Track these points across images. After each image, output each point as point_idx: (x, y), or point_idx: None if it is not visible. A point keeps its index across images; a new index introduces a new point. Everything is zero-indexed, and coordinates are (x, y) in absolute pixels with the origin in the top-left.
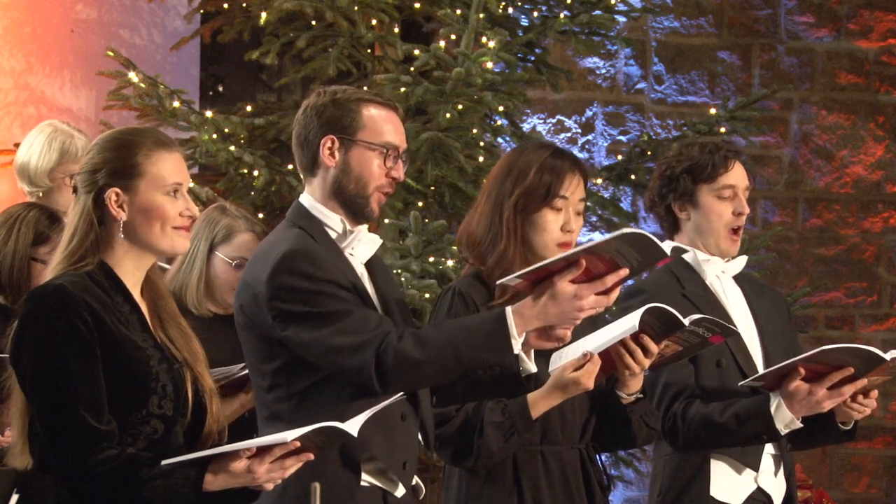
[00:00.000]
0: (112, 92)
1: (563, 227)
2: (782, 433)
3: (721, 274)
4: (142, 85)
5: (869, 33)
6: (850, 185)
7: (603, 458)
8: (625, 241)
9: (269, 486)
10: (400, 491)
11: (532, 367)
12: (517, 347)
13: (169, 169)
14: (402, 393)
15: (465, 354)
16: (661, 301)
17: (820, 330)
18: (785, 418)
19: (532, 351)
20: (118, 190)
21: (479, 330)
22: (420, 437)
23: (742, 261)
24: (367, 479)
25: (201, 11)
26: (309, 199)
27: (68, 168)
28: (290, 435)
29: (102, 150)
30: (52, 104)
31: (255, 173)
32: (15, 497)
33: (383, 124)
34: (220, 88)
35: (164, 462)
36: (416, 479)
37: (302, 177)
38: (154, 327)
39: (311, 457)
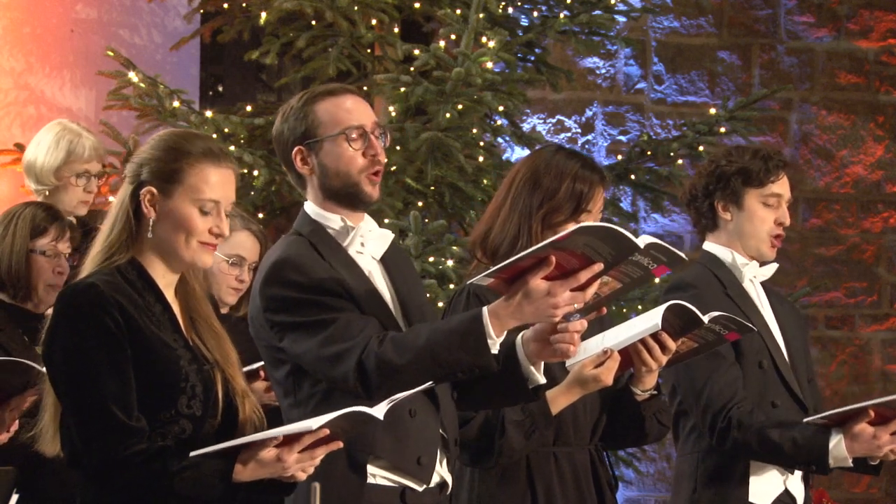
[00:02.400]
0: (112, 92)
1: None
2: (831, 467)
3: (753, 278)
4: (142, 85)
5: (869, 33)
6: (850, 185)
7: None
8: (589, 234)
9: (302, 476)
10: (421, 486)
11: (541, 378)
12: (494, 348)
13: (209, 183)
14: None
15: (442, 357)
16: (709, 297)
17: (820, 330)
18: (839, 456)
19: (542, 364)
20: (154, 189)
21: (456, 332)
22: (442, 433)
23: (773, 267)
24: (382, 475)
25: (201, 11)
26: (310, 205)
27: (75, 167)
28: (316, 422)
29: (154, 147)
30: (52, 104)
31: (255, 173)
32: (15, 497)
33: (337, 112)
34: (220, 88)
35: (192, 453)
36: (441, 475)
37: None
38: (186, 328)
39: (340, 444)
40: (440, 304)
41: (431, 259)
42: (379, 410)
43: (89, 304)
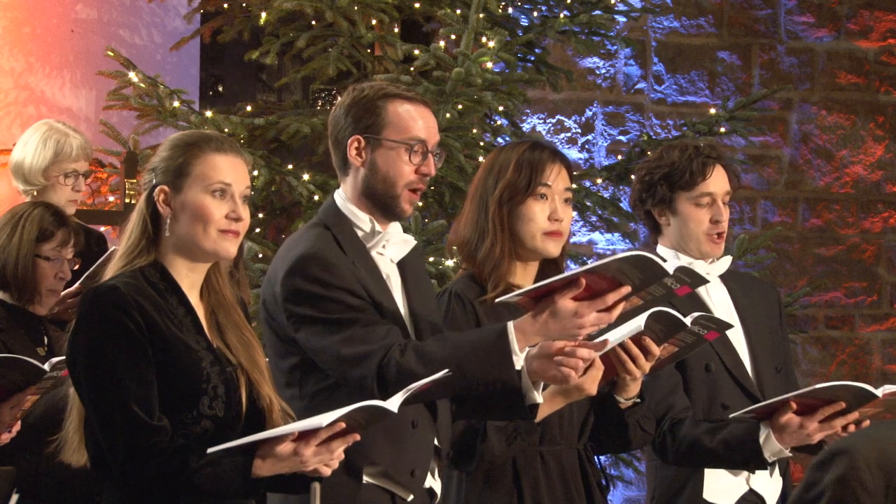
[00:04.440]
0: (112, 92)
1: (550, 216)
2: (769, 461)
3: (706, 276)
4: (142, 85)
5: (869, 33)
6: (850, 185)
7: (602, 457)
8: (627, 263)
9: (326, 471)
10: (409, 497)
11: (538, 398)
12: (519, 363)
13: (217, 168)
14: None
15: (466, 370)
16: (649, 308)
17: (820, 330)
18: (773, 448)
19: (541, 382)
20: (166, 188)
21: (481, 345)
22: (437, 444)
23: (726, 261)
24: (374, 482)
25: (201, 11)
26: (342, 197)
27: (62, 167)
28: (327, 419)
29: (162, 151)
30: (52, 104)
31: (255, 173)
32: (15, 497)
33: (409, 120)
34: (220, 88)
35: (210, 450)
36: (430, 483)
37: (338, 175)
38: (210, 331)
39: (357, 437)
40: None
41: (431, 259)
42: (393, 403)
43: (110, 305)
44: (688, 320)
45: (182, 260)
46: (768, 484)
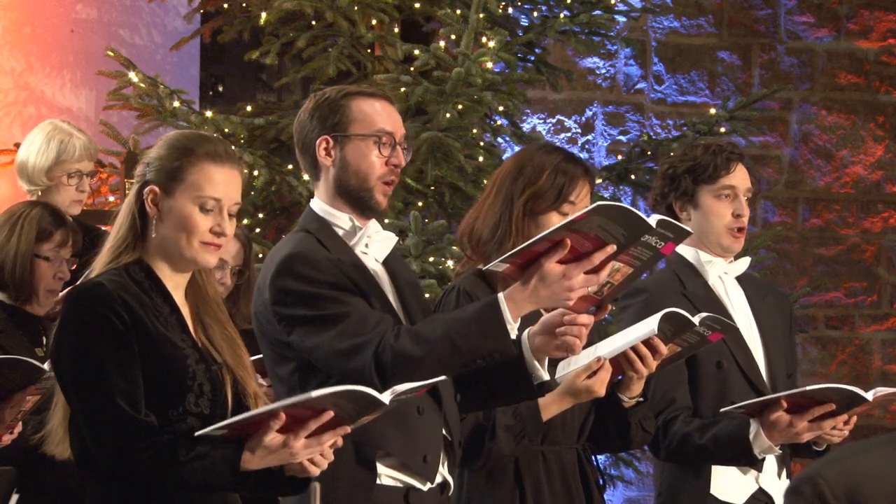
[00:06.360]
0: (112, 92)
1: None
2: (759, 458)
3: (724, 275)
4: (142, 85)
5: (869, 33)
6: (850, 185)
7: (602, 457)
8: (604, 215)
9: (314, 470)
10: (425, 485)
11: (544, 374)
12: (513, 332)
13: (211, 182)
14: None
15: (461, 345)
16: (662, 300)
17: (820, 330)
18: (763, 445)
19: (546, 359)
20: (156, 189)
21: (474, 319)
22: (445, 433)
23: (745, 262)
24: (388, 474)
25: (201, 11)
26: (318, 202)
27: (66, 167)
28: (314, 393)
29: (160, 147)
30: (52, 104)
31: (255, 173)
32: (15, 497)
33: (374, 114)
34: (220, 88)
35: (196, 433)
36: (443, 476)
37: (310, 182)
38: (195, 330)
39: (348, 429)
40: None
41: (431, 259)
42: (385, 395)
43: (96, 302)
44: (695, 320)
45: (167, 262)
46: (778, 485)
